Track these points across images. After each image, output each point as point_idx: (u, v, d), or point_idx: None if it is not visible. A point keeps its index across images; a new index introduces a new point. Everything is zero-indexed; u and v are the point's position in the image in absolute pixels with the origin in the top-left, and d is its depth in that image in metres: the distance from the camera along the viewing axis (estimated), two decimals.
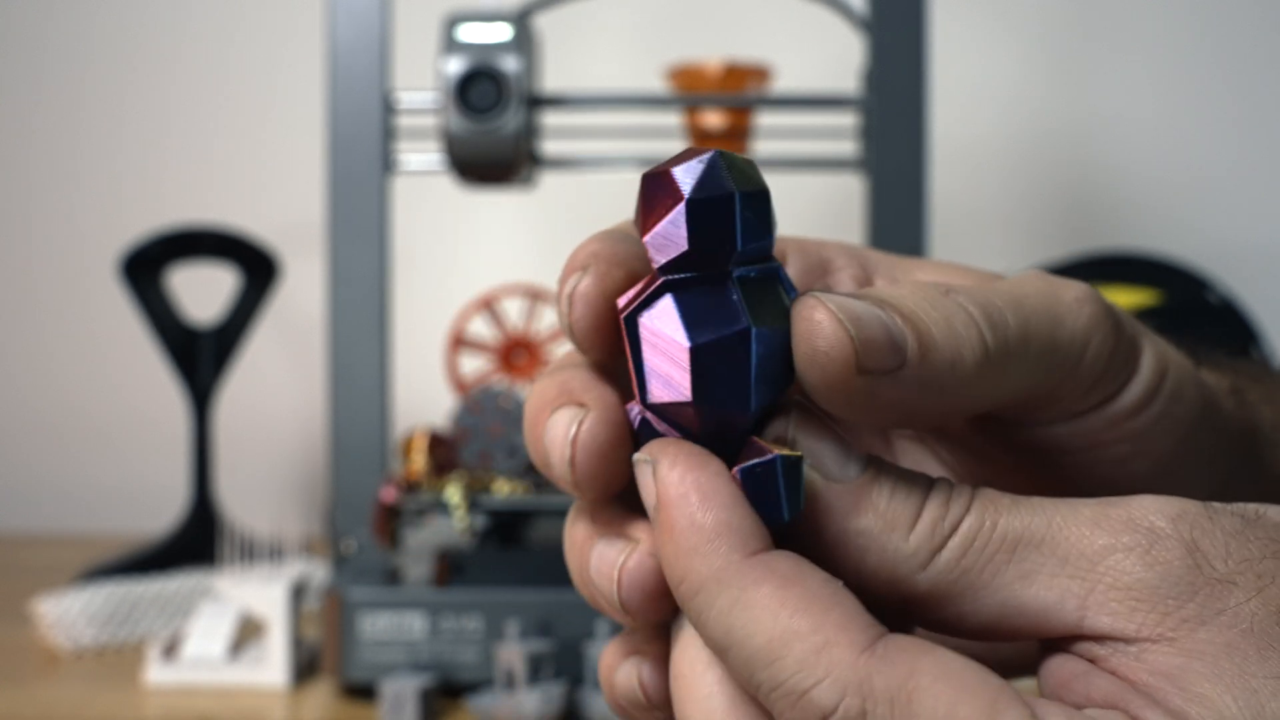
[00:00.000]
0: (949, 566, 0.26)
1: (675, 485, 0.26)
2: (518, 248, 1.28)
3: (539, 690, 0.65)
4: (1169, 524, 0.26)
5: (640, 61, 1.19)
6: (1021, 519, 0.26)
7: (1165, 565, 0.25)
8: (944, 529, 0.26)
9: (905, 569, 0.26)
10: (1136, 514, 0.26)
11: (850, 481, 0.26)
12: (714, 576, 0.25)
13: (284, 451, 1.29)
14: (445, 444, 0.78)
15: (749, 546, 0.25)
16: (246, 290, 1.02)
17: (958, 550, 0.26)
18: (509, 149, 0.75)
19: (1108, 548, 0.25)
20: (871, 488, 0.26)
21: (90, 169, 1.31)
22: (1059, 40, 1.28)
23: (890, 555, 0.26)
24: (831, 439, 0.27)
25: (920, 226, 0.77)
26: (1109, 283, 0.98)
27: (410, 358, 1.04)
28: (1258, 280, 1.20)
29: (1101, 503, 0.26)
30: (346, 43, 0.77)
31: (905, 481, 0.27)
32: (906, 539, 0.26)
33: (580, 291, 0.28)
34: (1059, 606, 0.26)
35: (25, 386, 1.31)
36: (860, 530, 0.26)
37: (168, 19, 1.30)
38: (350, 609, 0.69)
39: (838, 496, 0.26)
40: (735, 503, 0.26)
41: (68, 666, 0.79)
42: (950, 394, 0.28)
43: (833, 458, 0.27)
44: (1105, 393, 0.31)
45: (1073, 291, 0.31)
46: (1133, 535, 0.25)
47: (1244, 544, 0.25)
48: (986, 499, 0.27)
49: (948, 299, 0.28)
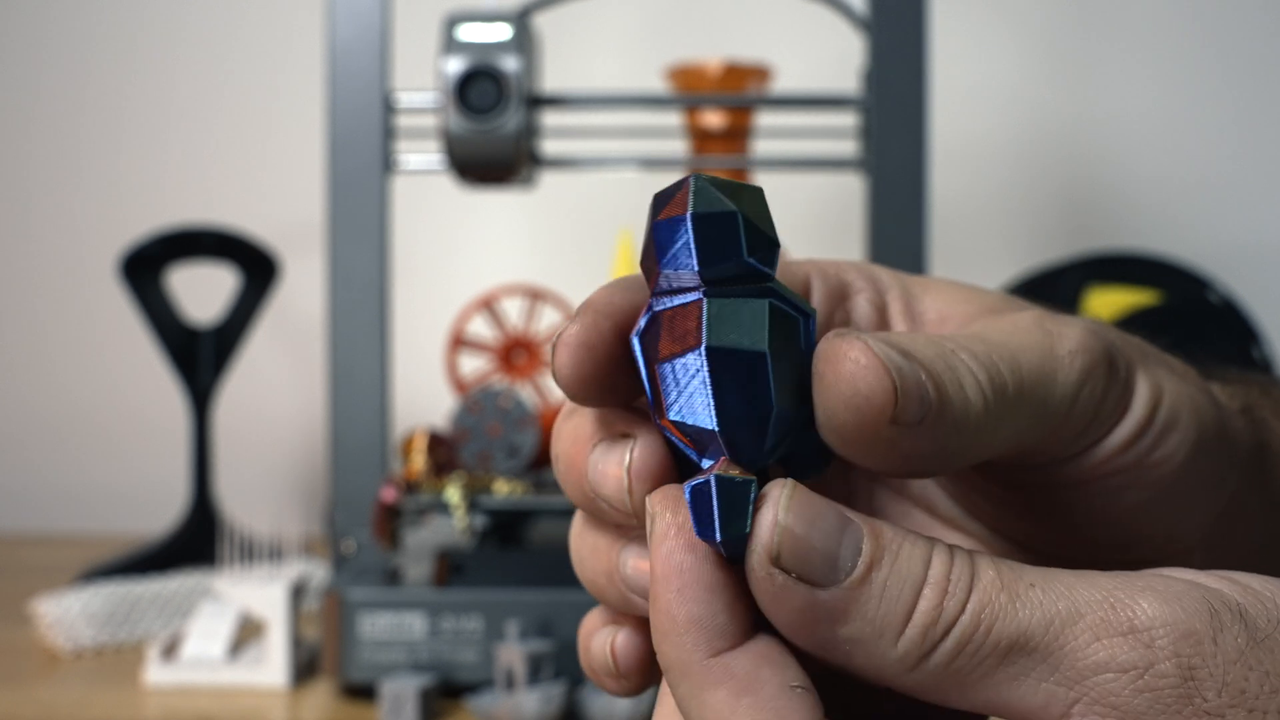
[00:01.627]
0: (938, 669, 0.25)
1: (662, 561, 0.26)
2: (518, 248, 1.28)
3: (539, 690, 0.65)
4: (1170, 644, 0.25)
5: (640, 61, 1.18)
6: (1018, 621, 0.25)
7: (1155, 693, 0.24)
8: (935, 633, 0.25)
9: (893, 671, 0.26)
10: (1140, 622, 0.25)
11: (840, 587, 0.25)
12: (679, 665, 0.26)
13: (284, 451, 1.29)
14: (445, 444, 0.78)
15: (714, 645, 0.26)
16: (246, 290, 1.02)
17: (948, 656, 0.25)
18: (509, 149, 0.75)
19: (1101, 664, 0.25)
20: (862, 591, 0.25)
21: (90, 169, 1.31)
22: (1059, 40, 1.28)
23: (878, 659, 0.25)
24: (822, 533, 0.26)
25: (920, 226, 0.77)
26: (1109, 283, 0.98)
27: (410, 358, 1.04)
28: (1258, 280, 1.20)
29: (1106, 599, 0.25)
30: (346, 43, 0.77)
31: (900, 573, 0.25)
32: (895, 645, 0.25)
33: (564, 339, 0.28)
34: (1043, 710, 0.25)
35: (25, 386, 1.31)
36: (848, 637, 0.25)
37: (168, 19, 1.30)
38: (350, 609, 0.69)
39: (825, 606, 0.25)
40: (712, 595, 0.26)
41: (67, 667, 0.79)
42: (954, 449, 0.28)
43: (821, 563, 0.25)
44: (1092, 436, 0.31)
45: (1068, 343, 0.30)
46: (1130, 653, 0.25)
47: (1243, 673, 0.25)
48: (983, 596, 0.25)
49: (955, 357, 0.28)
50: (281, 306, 1.17)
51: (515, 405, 0.79)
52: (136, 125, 1.31)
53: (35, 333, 1.31)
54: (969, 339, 0.29)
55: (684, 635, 0.26)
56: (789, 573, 0.25)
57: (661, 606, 0.26)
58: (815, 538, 0.25)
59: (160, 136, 1.30)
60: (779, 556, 0.25)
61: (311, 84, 1.06)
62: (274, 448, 1.28)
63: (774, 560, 0.25)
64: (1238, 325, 0.96)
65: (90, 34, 1.31)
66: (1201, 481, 0.33)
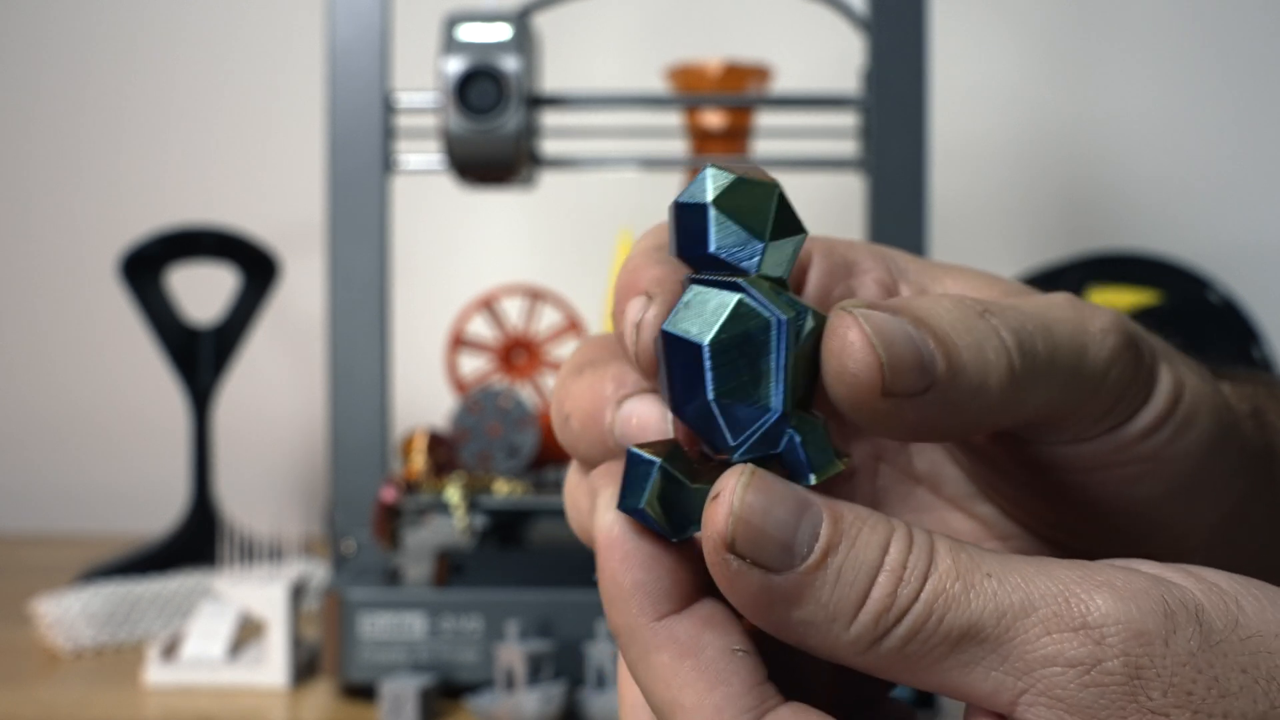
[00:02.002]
0: (889, 653, 0.26)
1: (603, 533, 0.27)
2: (518, 248, 1.28)
3: (539, 690, 0.65)
4: (1120, 641, 0.25)
5: (640, 61, 1.18)
6: (970, 612, 0.25)
7: (1101, 689, 0.25)
8: (888, 619, 0.25)
9: (845, 653, 0.26)
10: (1093, 618, 0.25)
11: (795, 572, 0.26)
12: (625, 630, 0.27)
13: (284, 451, 1.29)
14: (445, 444, 0.78)
15: (657, 609, 0.27)
16: (246, 290, 1.02)
17: (899, 641, 0.26)
18: (509, 149, 0.75)
19: (1049, 657, 0.25)
20: (816, 575, 0.26)
21: (90, 169, 1.31)
22: (1059, 40, 1.28)
23: (831, 641, 0.26)
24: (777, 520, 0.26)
25: (920, 226, 0.77)
26: (1109, 283, 0.98)
27: (410, 358, 1.04)
28: (1258, 280, 1.20)
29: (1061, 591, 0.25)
30: (346, 43, 0.77)
31: (856, 559, 0.26)
32: (848, 629, 0.26)
33: (649, 320, 0.28)
34: (992, 697, 0.26)
35: (25, 386, 1.31)
36: (802, 619, 0.26)
37: (168, 19, 1.30)
38: (350, 609, 0.69)
39: (779, 589, 0.26)
40: (654, 562, 0.27)
41: (67, 667, 0.79)
42: (971, 415, 0.28)
43: (776, 550, 0.26)
44: (1116, 419, 0.31)
45: (1099, 321, 0.30)
46: (1078, 649, 0.25)
47: (1192, 675, 0.25)
48: (938, 585, 0.25)
49: (983, 320, 0.28)
50: (281, 306, 1.17)
51: (515, 405, 0.79)
52: (136, 125, 1.31)
53: (35, 333, 1.31)
54: (1003, 305, 0.29)
55: (629, 601, 0.27)
56: (744, 558, 0.25)
57: (607, 574, 0.27)
58: (770, 525, 0.26)
59: (160, 136, 1.30)
60: (733, 543, 0.25)
61: (311, 84, 1.06)
62: (274, 448, 1.28)
63: (729, 547, 0.25)
64: (1238, 325, 0.96)
65: (90, 34, 1.31)
66: (1211, 481, 0.33)
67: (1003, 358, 0.28)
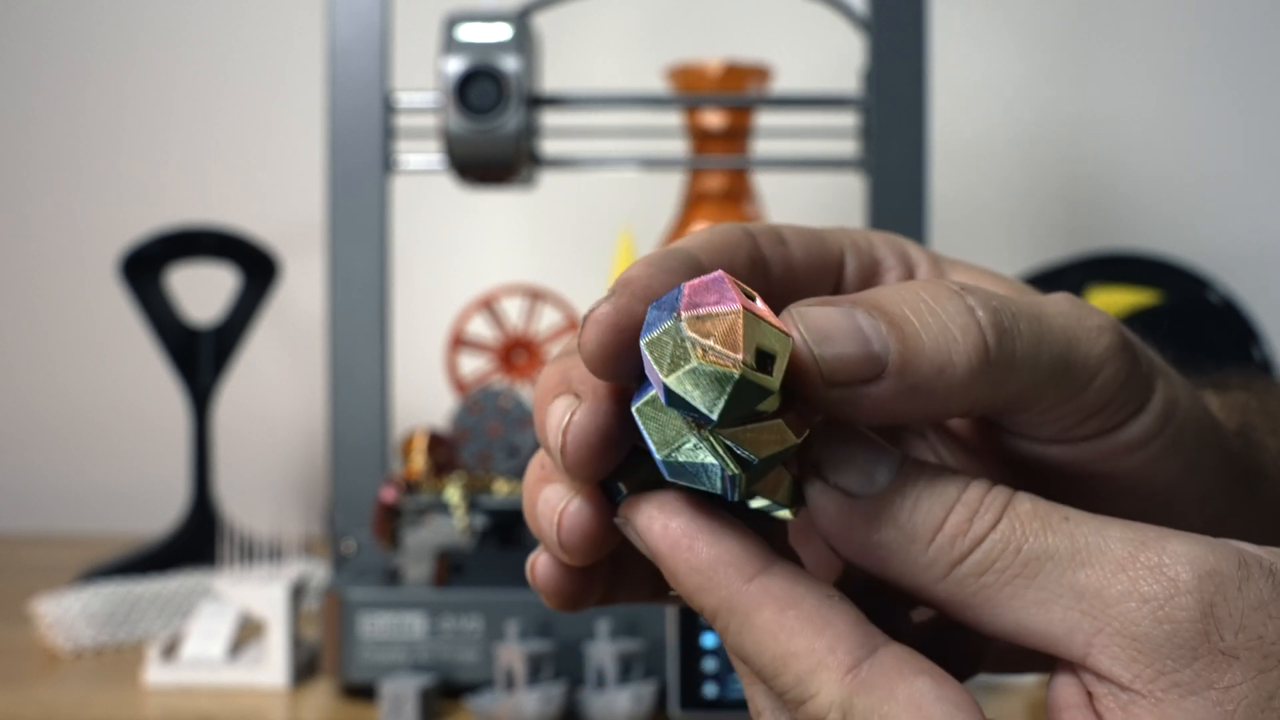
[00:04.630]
0: (966, 580, 0.26)
1: (659, 538, 0.28)
2: (518, 248, 1.28)
3: (539, 690, 0.65)
4: (1195, 580, 0.25)
5: (640, 61, 1.18)
6: (1047, 545, 0.26)
7: (1174, 624, 0.25)
8: (964, 544, 0.26)
9: (924, 578, 0.27)
10: (1167, 560, 0.26)
11: (874, 493, 0.27)
12: (721, 606, 0.27)
13: (284, 451, 1.29)
14: (445, 444, 0.78)
15: (745, 572, 0.27)
16: (246, 290, 1.02)
17: (977, 567, 0.26)
18: (509, 149, 0.75)
19: (1124, 594, 0.25)
20: (894, 499, 0.27)
21: (90, 169, 1.31)
22: (1059, 40, 1.28)
23: (909, 564, 0.27)
24: (856, 450, 0.28)
25: (920, 226, 0.77)
26: (1109, 283, 0.98)
27: (410, 358, 1.04)
28: (1258, 280, 1.20)
29: (1136, 537, 0.26)
30: (346, 43, 0.77)
31: (932, 490, 0.27)
32: (926, 551, 0.27)
33: (595, 316, 0.28)
34: (1068, 638, 0.26)
35: (26, 386, 1.31)
36: (881, 542, 0.27)
37: (168, 19, 1.30)
38: (350, 609, 0.69)
39: (860, 511, 0.27)
40: (720, 535, 0.27)
41: (67, 667, 0.79)
42: (940, 397, 0.28)
43: (856, 472, 0.27)
44: (1108, 423, 0.31)
45: (1096, 319, 0.31)
46: (1153, 585, 0.25)
47: (1263, 619, 0.25)
48: (1016, 517, 0.27)
49: (956, 300, 0.29)
50: (281, 306, 1.17)
51: (515, 405, 0.78)
52: (136, 125, 1.31)
53: (35, 333, 1.31)
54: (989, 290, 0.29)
55: (714, 576, 0.27)
56: (827, 480, 0.27)
57: (683, 569, 0.27)
58: (853, 445, 0.28)
59: (160, 136, 1.30)
60: (819, 465, 0.27)
61: (311, 84, 1.06)
62: (274, 448, 1.28)
63: (815, 469, 0.27)
64: (1238, 325, 0.96)
65: (90, 34, 1.31)
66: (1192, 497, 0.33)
67: (972, 335, 0.28)
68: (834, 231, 0.34)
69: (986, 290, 0.29)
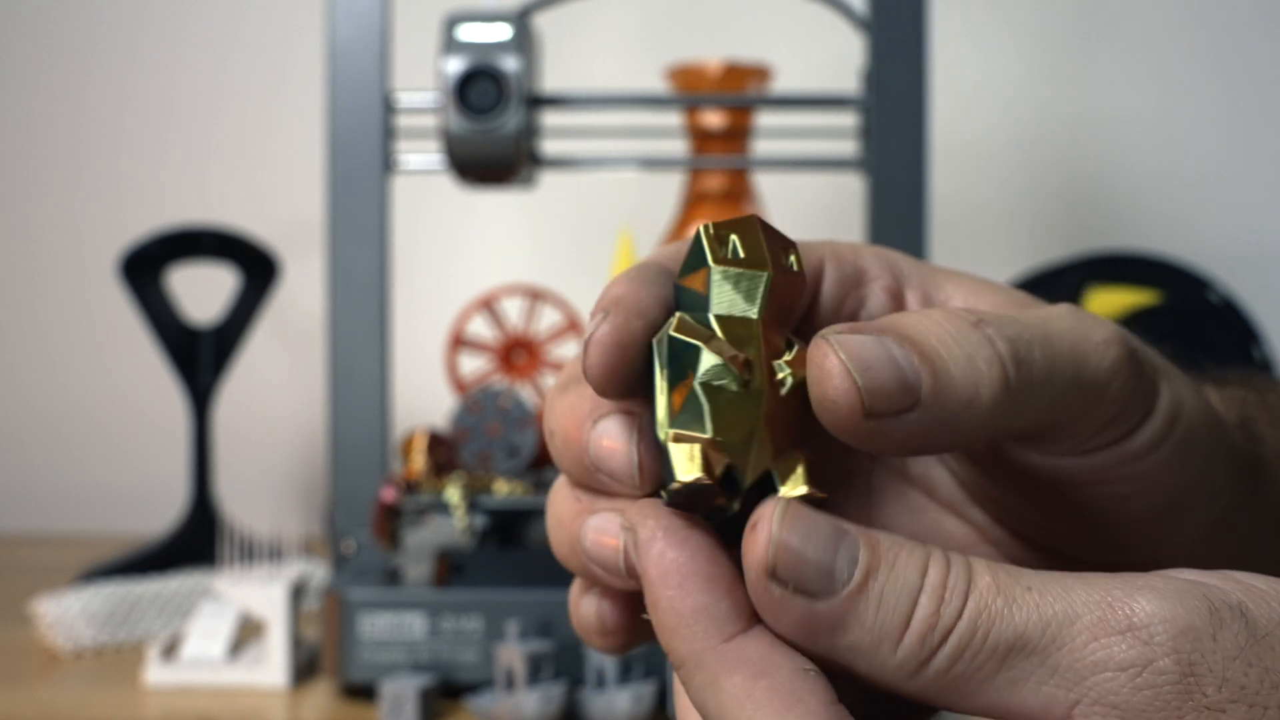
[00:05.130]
0: (938, 675, 0.26)
1: (654, 564, 0.27)
2: (518, 248, 1.28)
3: (539, 691, 0.65)
4: (1169, 639, 0.25)
5: (640, 61, 1.18)
6: (1015, 625, 0.25)
7: (1155, 690, 0.25)
8: (934, 639, 0.26)
9: (894, 677, 0.26)
10: (1139, 619, 0.25)
11: (837, 597, 0.26)
12: (692, 658, 0.26)
13: (284, 451, 1.29)
14: (445, 444, 0.78)
15: (724, 631, 0.26)
16: (246, 290, 1.02)
17: (947, 661, 0.26)
18: (509, 149, 0.75)
19: (1100, 664, 0.25)
20: (859, 600, 0.26)
21: (90, 169, 1.31)
22: (1059, 40, 1.28)
23: (878, 666, 0.26)
24: (817, 548, 0.26)
25: (920, 226, 0.77)
26: (1109, 283, 0.97)
27: (410, 358, 1.04)
28: (1258, 280, 1.20)
29: (1105, 602, 0.25)
30: (346, 43, 0.77)
31: (896, 581, 0.26)
32: (894, 653, 0.26)
33: (596, 338, 0.28)
34: (1045, 713, 0.25)
35: (25, 386, 1.31)
36: (849, 646, 0.26)
37: (168, 19, 1.30)
38: (350, 609, 0.69)
39: (824, 617, 0.26)
40: (713, 584, 0.27)
41: (67, 667, 0.79)
42: (965, 428, 0.28)
43: (816, 575, 0.26)
44: (1118, 432, 0.31)
45: (1101, 332, 0.31)
46: (1129, 650, 0.25)
47: (1243, 669, 0.25)
48: (980, 602, 0.26)
49: (976, 332, 0.28)
50: (281, 306, 1.17)
51: (515, 405, 0.79)
52: (136, 125, 1.30)
53: (35, 333, 1.31)
54: (1000, 315, 0.29)
55: (693, 625, 0.26)
56: (786, 585, 0.26)
57: (665, 604, 0.27)
58: (810, 551, 0.26)
59: (160, 136, 1.30)
60: (775, 570, 0.26)
61: (311, 84, 1.06)
62: (274, 448, 1.28)
63: (770, 574, 0.26)
64: (1238, 325, 0.96)
65: (90, 34, 1.31)
66: (1201, 495, 0.33)
67: (995, 367, 0.28)
68: (816, 243, 0.34)
69: (1000, 318, 0.29)
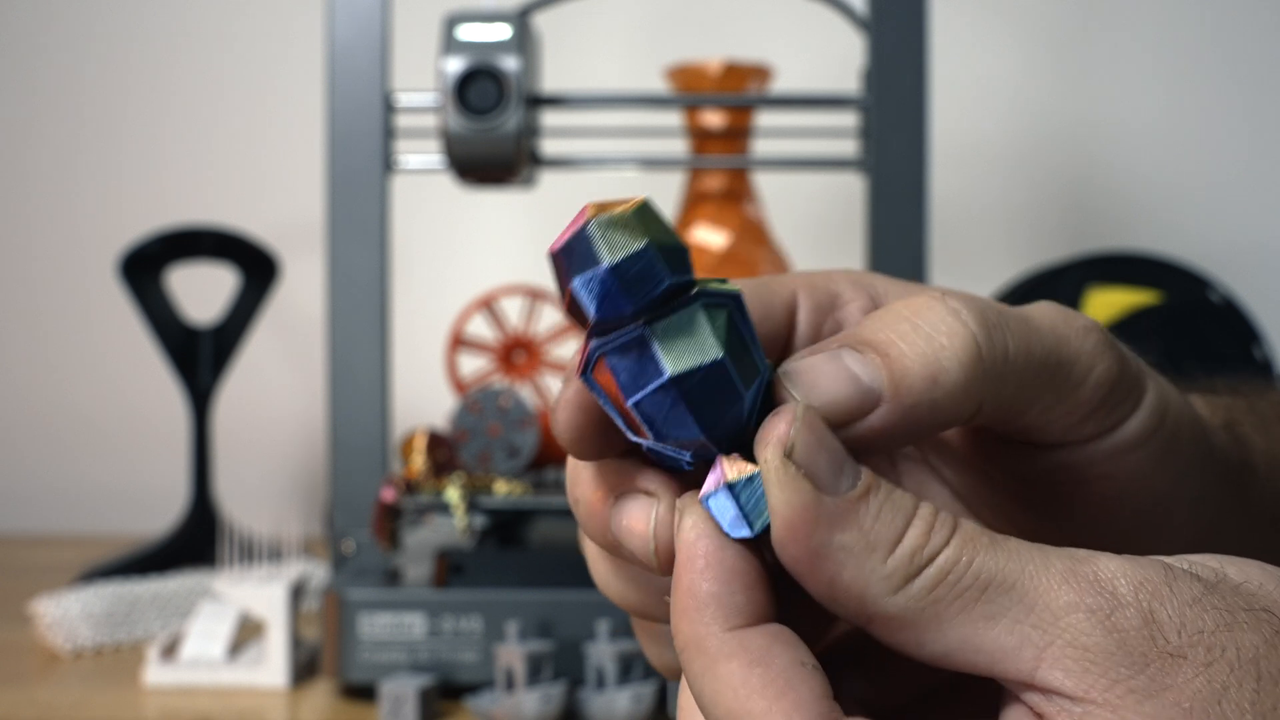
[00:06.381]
0: (920, 595, 0.26)
1: (688, 546, 0.28)
2: (518, 248, 1.28)
3: (539, 691, 0.65)
4: (1131, 591, 0.26)
5: (640, 61, 1.19)
6: (997, 561, 0.27)
7: (1122, 634, 0.25)
8: (922, 558, 0.27)
9: (877, 590, 0.27)
10: (1103, 575, 0.26)
11: (841, 496, 0.27)
12: (695, 641, 0.27)
13: (284, 451, 1.29)
14: (445, 444, 0.78)
15: (730, 621, 0.27)
16: (246, 290, 1.02)
17: (931, 581, 0.26)
18: (509, 149, 0.75)
19: (1072, 605, 0.26)
20: (860, 505, 0.27)
21: (90, 169, 1.31)
22: (1060, 40, 1.28)
23: (866, 574, 0.27)
24: (830, 448, 0.27)
25: (920, 226, 0.77)
26: (1109, 283, 0.97)
27: (410, 358, 1.04)
28: (1258, 280, 1.20)
29: (1071, 557, 0.27)
30: (346, 43, 0.77)
31: (893, 503, 0.27)
32: (884, 561, 0.27)
33: (563, 401, 0.29)
34: (1016, 653, 0.26)
35: (25, 387, 1.31)
36: (842, 545, 0.27)
37: (167, 19, 1.30)
38: (350, 609, 0.69)
39: (826, 508, 0.27)
40: (733, 576, 0.27)
41: (66, 667, 0.79)
42: (943, 407, 0.29)
43: (828, 468, 0.27)
44: (1106, 423, 0.32)
45: (1081, 320, 0.32)
46: (1097, 597, 0.26)
47: (1199, 614, 0.26)
48: (966, 535, 0.27)
49: (939, 306, 0.29)
50: (281, 306, 1.17)
51: (515, 405, 0.78)
52: (136, 125, 1.31)
53: (35, 333, 1.31)
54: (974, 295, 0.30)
55: (703, 609, 0.27)
56: (799, 468, 0.27)
57: (684, 585, 0.27)
58: (826, 445, 0.27)
59: (160, 136, 1.30)
60: (792, 449, 0.27)
61: (311, 84, 1.06)
62: (274, 448, 1.28)
63: (788, 453, 0.27)
64: (1238, 325, 0.96)
65: (90, 34, 1.31)
66: (1191, 495, 0.34)
67: (960, 337, 0.29)
68: (787, 276, 0.34)
69: (973, 297, 0.30)
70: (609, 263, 0.27)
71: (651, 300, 0.28)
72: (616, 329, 0.28)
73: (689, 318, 0.28)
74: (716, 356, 0.28)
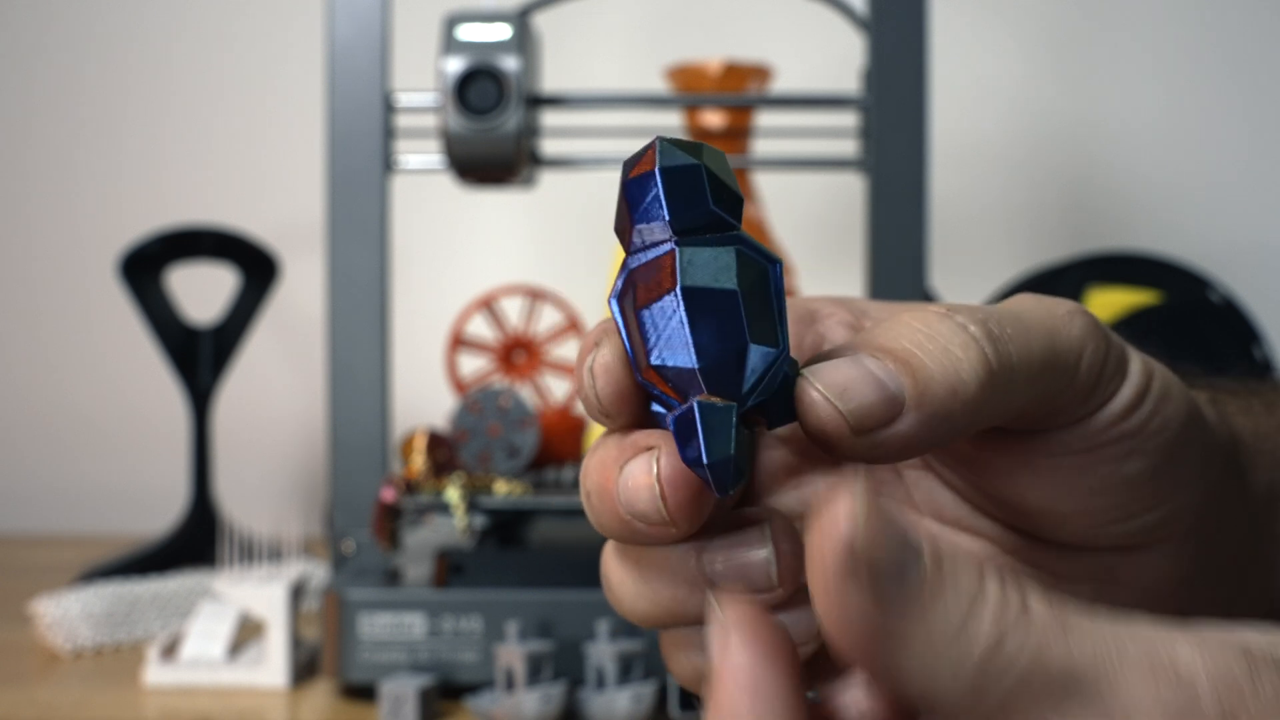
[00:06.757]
0: (988, 687, 0.25)
1: (731, 672, 0.26)
2: (518, 248, 1.28)
3: (539, 691, 0.65)
4: (1210, 686, 0.25)
5: (640, 61, 1.18)
6: (1069, 650, 0.25)
7: None
8: (992, 646, 0.25)
9: (945, 683, 0.25)
10: (1183, 667, 0.25)
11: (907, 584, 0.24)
12: None
13: (284, 451, 1.29)
14: (445, 444, 0.78)
15: None
16: (246, 290, 1.02)
17: (1000, 671, 0.25)
18: (509, 149, 0.75)
19: (1148, 705, 0.25)
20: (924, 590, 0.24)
21: (90, 169, 1.31)
22: (1060, 40, 1.28)
23: (931, 664, 0.25)
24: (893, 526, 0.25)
25: (920, 226, 0.77)
26: (1109, 283, 0.97)
27: (410, 358, 1.04)
28: (1258, 280, 1.20)
29: (1149, 641, 0.25)
30: (346, 43, 0.77)
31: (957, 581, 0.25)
32: (951, 650, 0.25)
33: (600, 364, 0.29)
34: None
35: (25, 387, 1.31)
36: (905, 634, 0.25)
37: (167, 19, 1.30)
38: (350, 609, 0.69)
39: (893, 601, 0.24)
40: (778, 703, 0.26)
41: (66, 667, 0.79)
42: (959, 418, 0.29)
43: (895, 551, 0.24)
44: (1101, 397, 0.32)
45: (1064, 307, 0.32)
46: (1175, 693, 0.25)
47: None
48: (1038, 621, 0.25)
49: (947, 321, 0.30)
50: (281, 306, 1.17)
51: (515, 405, 0.78)
52: (136, 125, 1.31)
53: (35, 333, 1.31)
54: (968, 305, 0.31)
55: None
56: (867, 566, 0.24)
57: (727, 705, 0.26)
58: (889, 526, 0.24)
59: (160, 136, 1.30)
60: (855, 545, 0.24)
61: (311, 84, 1.06)
62: (274, 448, 1.28)
63: (851, 551, 0.24)
64: (1238, 325, 0.96)
65: (90, 34, 1.31)
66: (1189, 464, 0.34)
67: (973, 350, 0.29)
68: None
69: (968, 306, 0.30)
70: (661, 164, 0.29)
71: (692, 220, 0.29)
72: (654, 245, 0.29)
73: (721, 252, 0.28)
74: (730, 287, 0.28)
